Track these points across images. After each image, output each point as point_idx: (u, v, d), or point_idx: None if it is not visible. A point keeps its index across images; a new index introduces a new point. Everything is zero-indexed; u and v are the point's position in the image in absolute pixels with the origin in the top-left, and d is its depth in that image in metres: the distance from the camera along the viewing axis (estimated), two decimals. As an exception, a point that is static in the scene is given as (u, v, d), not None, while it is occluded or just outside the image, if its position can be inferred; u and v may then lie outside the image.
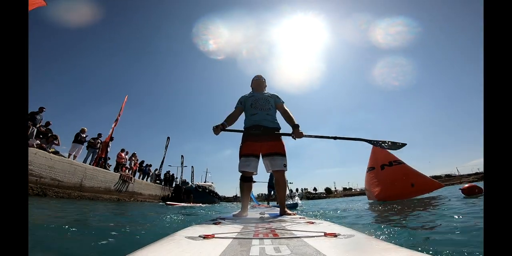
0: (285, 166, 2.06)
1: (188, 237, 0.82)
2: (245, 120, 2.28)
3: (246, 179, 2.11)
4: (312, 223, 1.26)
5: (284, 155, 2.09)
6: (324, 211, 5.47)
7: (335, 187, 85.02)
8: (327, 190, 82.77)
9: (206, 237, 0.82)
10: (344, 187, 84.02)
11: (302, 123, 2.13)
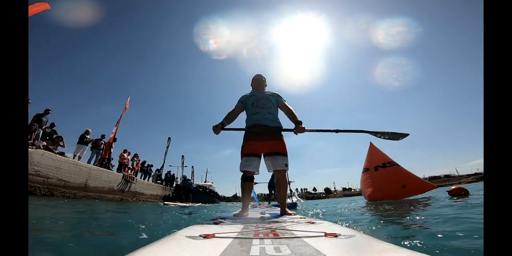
0: (286, 166, 2.07)
1: (189, 236, 0.83)
2: (246, 119, 2.27)
3: (247, 179, 2.10)
4: (313, 223, 1.27)
5: (285, 154, 2.09)
6: (321, 210, 5.67)
7: (335, 187, 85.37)
8: (327, 190, 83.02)
9: (206, 236, 0.82)
10: (343, 187, 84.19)
11: (303, 123, 2.10)
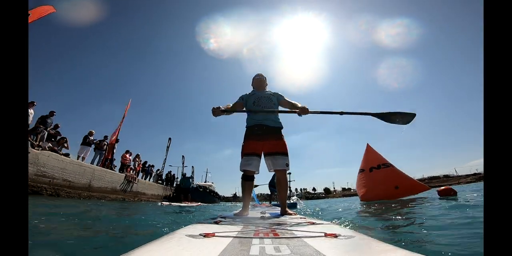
0: (287, 166, 2.07)
1: (189, 235, 0.83)
2: (247, 118, 2.27)
3: (248, 178, 2.10)
4: (313, 223, 1.28)
5: (286, 154, 2.09)
6: (321, 209, 5.86)
7: (334, 187, 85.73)
8: (326, 190, 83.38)
9: (206, 235, 0.82)
10: (343, 187, 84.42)
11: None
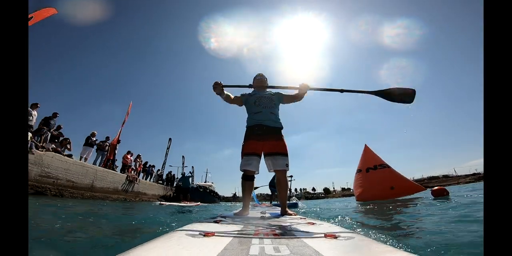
0: (287, 166, 2.07)
1: (188, 234, 0.83)
2: (247, 118, 2.26)
3: (248, 178, 2.10)
4: (313, 224, 1.27)
5: (286, 155, 2.09)
6: (319, 208, 5.99)
7: (334, 187, 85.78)
8: (326, 190, 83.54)
9: (206, 234, 0.82)
10: (342, 187, 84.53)
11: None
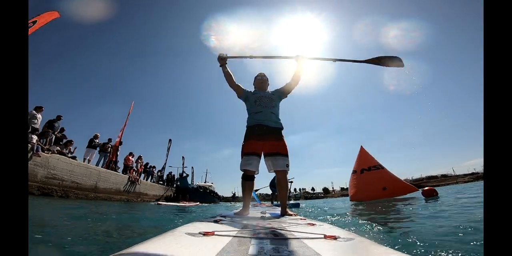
0: (287, 166, 2.07)
1: (188, 233, 0.83)
2: (247, 118, 2.25)
3: (248, 178, 2.10)
4: (313, 224, 1.27)
5: (286, 155, 2.09)
6: (315, 207, 6.20)
7: (333, 187, 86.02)
8: (325, 190, 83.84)
9: (206, 234, 0.82)
10: (341, 187, 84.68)
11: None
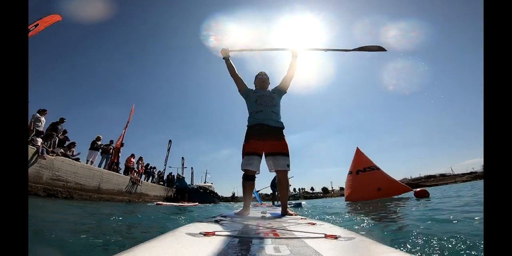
0: (288, 166, 2.07)
1: (189, 233, 0.83)
2: (248, 118, 2.25)
3: (249, 178, 2.09)
4: (313, 224, 1.27)
5: (287, 155, 2.09)
6: (313, 206, 6.36)
7: (332, 187, 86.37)
8: (324, 189, 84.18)
9: (206, 234, 0.82)
10: (341, 187, 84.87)
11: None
